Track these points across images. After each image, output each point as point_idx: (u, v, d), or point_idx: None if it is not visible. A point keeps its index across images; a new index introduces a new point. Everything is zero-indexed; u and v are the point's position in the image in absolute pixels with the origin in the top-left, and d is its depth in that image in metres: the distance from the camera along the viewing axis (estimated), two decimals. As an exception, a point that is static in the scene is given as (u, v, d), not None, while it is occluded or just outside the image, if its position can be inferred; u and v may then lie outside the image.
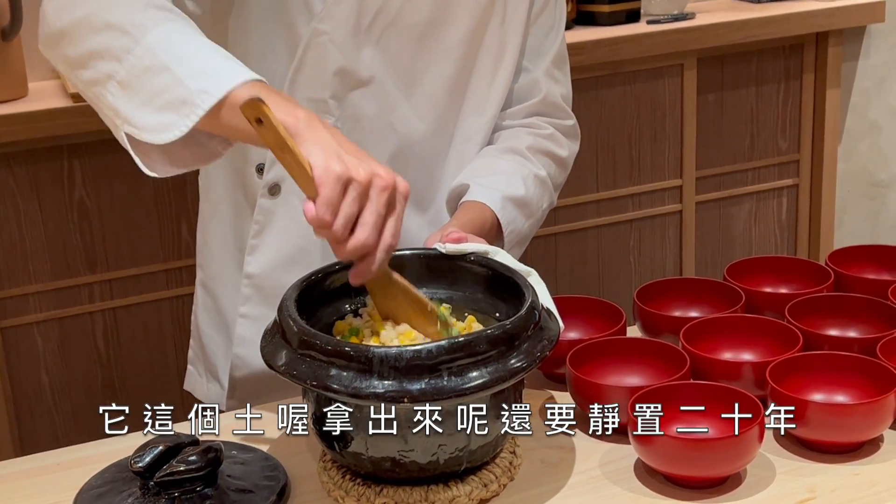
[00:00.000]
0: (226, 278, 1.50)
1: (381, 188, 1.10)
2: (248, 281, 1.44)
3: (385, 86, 1.38)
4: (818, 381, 1.25)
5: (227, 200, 1.48)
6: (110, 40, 1.18)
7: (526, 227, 1.45)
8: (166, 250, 2.31)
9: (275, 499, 1.14)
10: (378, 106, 1.39)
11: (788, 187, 2.88)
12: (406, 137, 1.41)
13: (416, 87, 1.40)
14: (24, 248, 2.21)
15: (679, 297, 1.45)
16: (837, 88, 2.81)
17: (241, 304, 1.46)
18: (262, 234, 1.42)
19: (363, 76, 1.37)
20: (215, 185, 1.49)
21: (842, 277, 1.46)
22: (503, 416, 1.13)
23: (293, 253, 1.43)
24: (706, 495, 1.14)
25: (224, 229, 1.49)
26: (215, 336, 1.54)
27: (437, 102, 1.42)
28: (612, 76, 2.59)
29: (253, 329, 1.45)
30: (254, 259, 1.44)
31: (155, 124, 1.15)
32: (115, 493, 1.15)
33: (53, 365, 2.27)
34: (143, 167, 1.20)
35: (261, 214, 1.42)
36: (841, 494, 1.13)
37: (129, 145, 1.19)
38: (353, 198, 1.08)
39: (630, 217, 2.71)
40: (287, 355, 1.11)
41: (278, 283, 1.42)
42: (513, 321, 1.11)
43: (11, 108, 2.14)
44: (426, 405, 1.07)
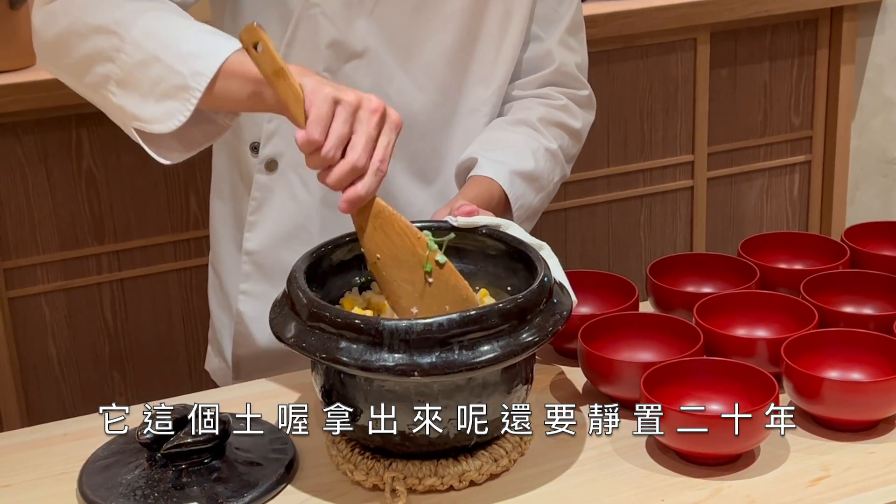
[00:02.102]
0: (228, 258, 1.50)
1: (370, 110, 1.10)
2: (248, 258, 1.44)
3: (381, 57, 1.37)
4: (833, 358, 1.23)
5: (226, 180, 1.49)
6: (99, 43, 1.20)
7: (536, 202, 1.43)
8: (174, 222, 2.29)
9: (283, 472, 1.13)
10: (373, 78, 1.38)
11: (801, 164, 2.85)
12: (405, 109, 1.39)
13: (413, 57, 1.38)
14: (32, 218, 2.20)
15: (692, 273, 1.44)
16: (851, 64, 2.78)
17: (242, 281, 1.45)
18: (259, 210, 1.42)
19: (357, 48, 1.36)
20: (217, 165, 1.50)
21: (858, 254, 1.45)
22: (514, 390, 1.12)
23: (291, 229, 1.42)
24: (719, 472, 1.13)
25: (225, 209, 1.50)
26: (221, 315, 1.55)
27: (437, 73, 1.40)
28: (624, 50, 2.57)
29: (253, 306, 1.45)
30: (252, 236, 1.43)
31: (159, 114, 1.17)
32: (122, 464, 1.14)
33: (61, 336, 2.27)
34: (158, 157, 1.21)
35: (258, 191, 1.41)
36: (855, 473, 1.12)
37: (141, 139, 1.20)
38: (344, 118, 1.08)
39: (641, 193, 2.69)
40: (296, 327, 1.10)
41: (277, 260, 1.41)
42: (525, 295, 1.10)
43: (19, 77, 2.12)
44: (436, 378, 1.06)
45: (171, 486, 1.10)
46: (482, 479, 1.13)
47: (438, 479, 1.11)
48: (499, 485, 1.13)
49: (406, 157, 1.42)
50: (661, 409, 1.12)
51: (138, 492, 1.10)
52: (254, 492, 1.10)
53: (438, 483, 1.11)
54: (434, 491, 1.11)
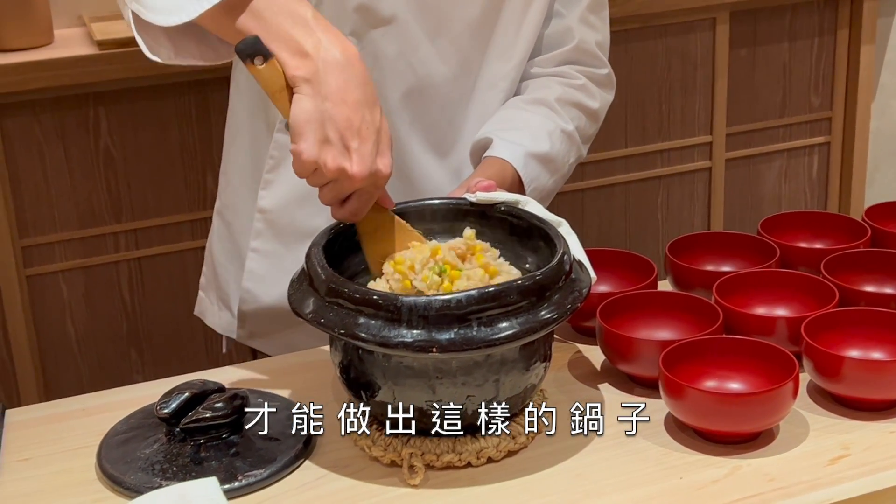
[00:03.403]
0: (241, 208, 1.48)
1: (347, 183, 1.11)
2: (261, 216, 1.43)
3: (408, 25, 1.36)
4: (854, 337, 1.23)
5: (247, 128, 1.46)
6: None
7: (550, 184, 1.42)
8: (191, 200, 2.30)
9: (300, 447, 1.13)
10: (399, 46, 1.36)
11: (820, 145, 2.84)
12: (426, 79, 1.38)
13: (441, 28, 1.37)
14: (50, 196, 2.20)
15: (711, 252, 1.43)
16: (872, 44, 2.76)
17: (253, 238, 1.44)
18: (277, 168, 1.41)
19: (385, 14, 1.35)
20: (237, 111, 1.47)
21: (879, 233, 1.43)
22: (532, 368, 1.11)
23: (307, 191, 1.40)
24: (738, 451, 1.12)
25: (243, 158, 1.47)
26: (228, 265, 1.52)
27: (462, 46, 1.39)
28: (643, 29, 2.55)
29: (263, 264, 1.44)
30: (267, 194, 1.42)
31: (162, 5, 1.13)
32: (141, 438, 1.14)
33: (79, 314, 2.27)
34: (147, 50, 1.17)
35: (276, 149, 1.40)
36: (875, 452, 1.12)
37: (135, 26, 1.16)
38: (320, 177, 1.10)
39: (658, 173, 2.68)
40: (315, 303, 1.10)
41: (291, 220, 1.41)
42: (544, 272, 1.09)
43: (37, 55, 2.12)
44: (455, 355, 1.05)
45: (190, 460, 1.10)
46: (500, 457, 1.12)
47: (456, 456, 1.11)
48: (517, 462, 1.13)
49: (423, 128, 1.41)
50: (680, 388, 1.11)
51: (157, 466, 1.10)
52: (272, 466, 1.10)
53: (456, 459, 1.11)
54: (452, 467, 1.11)
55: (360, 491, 1.09)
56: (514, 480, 1.10)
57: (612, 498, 1.06)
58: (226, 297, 1.53)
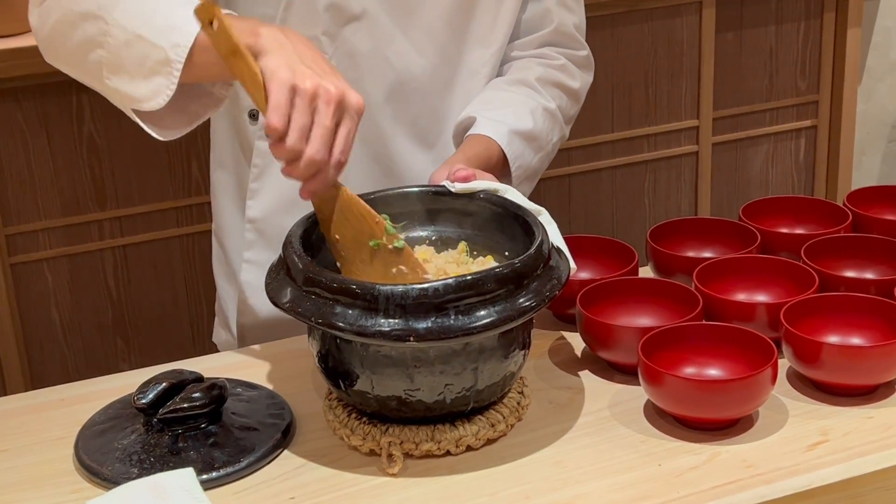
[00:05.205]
0: (231, 227, 1.50)
1: (326, 100, 1.08)
2: (251, 226, 1.44)
3: (379, 19, 1.36)
4: (833, 322, 1.23)
5: (227, 149, 1.48)
6: (87, 30, 1.21)
7: (535, 162, 1.42)
8: (176, 188, 2.29)
9: (280, 437, 1.13)
10: (372, 41, 1.36)
11: (807, 128, 2.83)
12: (405, 72, 1.38)
13: (412, 19, 1.37)
14: (34, 183, 2.19)
15: (693, 238, 1.43)
16: (858, 27, 2.75)
17: (245, 249, 1.45)
18: (261, 177, 1.41)
19: (355, 10, 1.35)
20: (217, 135, 1.50)
21: (860, 218, 1.43)
22: (511, 356, 1.11)
23: (294, 196, 1.40)
24: (717, 437, 1.12)
25: (227, 178, 1.49)
26: (226, 286, 1.55)
27: (437, 35, 1.39)
28: (628, 13, 2.54)
29: (257, 275, 1.44)
30: (255, 203, 1.43)
31: (149, 92, 1.18)
32: (119, 429, 1.14)
33: (63, 302, 2.27)
34: (159, 136, 1.22)
35: (259, 157, 1.41)
36: (854, 438, 1.12)
37: (140, 119, 1.21)
38: (302, 109, 1.07)
39: (645, 158, 2.68)
40: (292, 292, 1.09)
41: (280, 227, 1.41)
42: (522, 259, 1.09)
43: (20, 42, 2.11)
44: (432, 344, 1.05)
45: (168, 450, 1.10)
46: (479, 445, 1.12)
47: (435, 445, 1.11)
48: (496, 450, 1.12)
49: (407, 120, 1.41)
50: (658, 374, 1.11)
51: (134, 457, 1.10)
52: (250, 456, 1.10)
53: (435, 448, 1.11)
54: (431, 456, 1.11)
55: (339, 480, 1.09)
56: (493, 469, 1.10)
57: (592, 485, 1.06)
58: (226, 318, 1.55)
